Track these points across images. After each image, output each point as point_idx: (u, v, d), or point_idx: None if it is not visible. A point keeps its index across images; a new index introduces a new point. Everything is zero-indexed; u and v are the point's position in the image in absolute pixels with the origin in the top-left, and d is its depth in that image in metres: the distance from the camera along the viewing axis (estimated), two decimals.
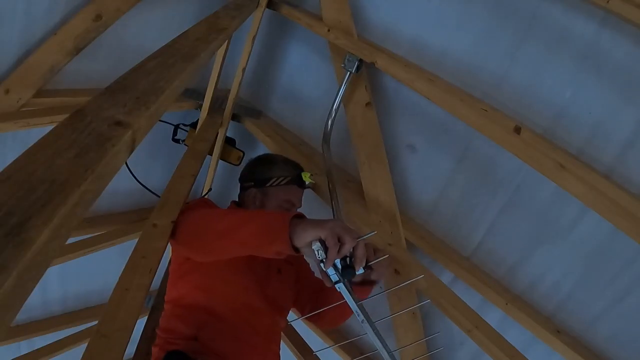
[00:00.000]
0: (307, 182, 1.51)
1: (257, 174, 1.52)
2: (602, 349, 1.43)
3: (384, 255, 1.17)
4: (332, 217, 1.47)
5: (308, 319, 1.47)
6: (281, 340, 1.44)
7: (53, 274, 2.25)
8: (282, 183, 1.47)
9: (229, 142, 2.05)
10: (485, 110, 1.34)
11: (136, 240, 1.20)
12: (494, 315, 1.55)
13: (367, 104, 1.62)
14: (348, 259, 1.07)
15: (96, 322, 0.99)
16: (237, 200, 1.57)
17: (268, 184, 1.47)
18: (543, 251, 1.48)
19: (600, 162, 1.29)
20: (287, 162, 1.56)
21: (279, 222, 1.00)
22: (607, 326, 1.41)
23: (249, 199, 1.48)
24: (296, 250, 0.99)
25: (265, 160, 1.58)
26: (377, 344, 1.18)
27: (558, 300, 1.48)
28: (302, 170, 1.54)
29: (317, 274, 1.28)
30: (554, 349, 1.45)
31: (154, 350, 1.22)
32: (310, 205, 1.93)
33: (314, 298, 1.49)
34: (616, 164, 1.27)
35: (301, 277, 1.54)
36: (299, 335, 2.11)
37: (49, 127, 0.49)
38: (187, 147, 1.86)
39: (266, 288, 1.34)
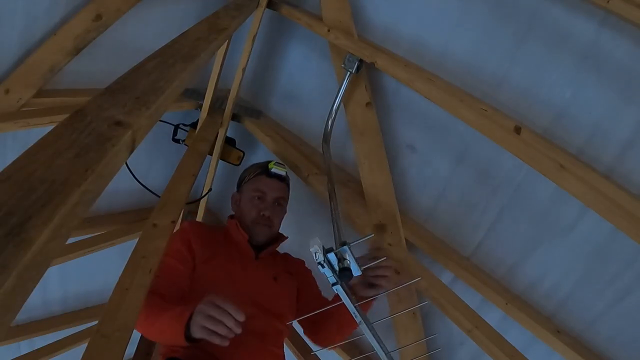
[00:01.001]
0: (273, 170, 1.58)
1: (238, 181, 1.67)
2: (602, 349, 1.43)
3: (382, 258, 1.18)
4: (332, 215, 1.46)
5: (306, 332, 1.53)
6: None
7: (53, 274, 2.25)
8: (251, 177, 1.59)
9: (229, 142, 2.05)
10: (485, 111, 1.34)
11: (136, 240, 1.20)
12: (494, 315, 1.55)
13: (367, 104, 1.62)
14: (345, 262, 1.07)
15: (96, 322, 0.99)
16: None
17: (243, 183, 1.62)
18: (543, 251, 1.48)
19: (600, 162, 1.29)
20: (260, 163, 1.64)
21: (176, 328, 1.10)
22: (607, 326, 1.41)
23: (233, 204, 1.63)
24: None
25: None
26: (375, 344, 1.18)
27: (558, 300, 1.48)
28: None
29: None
30: (554, 349, 1.44)
31: (160, 359, 1.27)
32: (310, 205, 1.93)
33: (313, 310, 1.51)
34: (616, 164, 1.27)
35: (303, 289, 1.56)
36: (299, 335, 2.11)
37: (49, 127, 0.49)
38: (187, 147, 1.86)
39: (257, 295, 1.38)
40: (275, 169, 1.57)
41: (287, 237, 1.62)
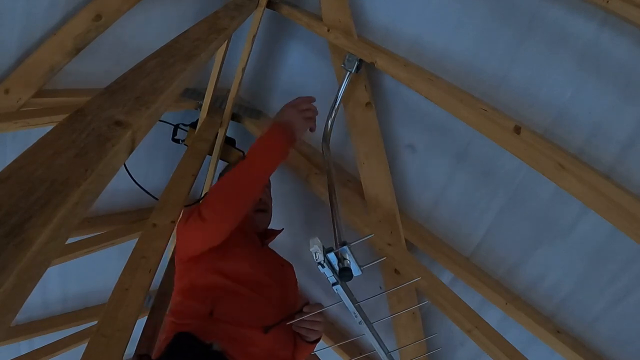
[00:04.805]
0: None
1: (220, 175, 1.71)
2: (602, 349, 1.43)
3: (382, 258, 1.18)
4: (332, 215, 1.46)
5: None
6: None
7: (53, 274, 2.25)
8: None
9: (229, 142, 2.05)
10: (485, 110, 1.34)
11: (136, 240, 1.20)
12: (494, 315, 1.55)
13: (367, 104, 1.62)
14: (346, 262, 1.07)
15: (96, 322, 0.99)
16: None
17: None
18: (543, 251, 1.48)
19: (600, 162, 1.29)
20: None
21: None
22: (607, 326, 1.41)
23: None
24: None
25: None
26: (375, 344, 1.18)
27: (558, 300, 1.48)
28: None
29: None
30: (554, 349, 1.45)
31: (161, 338, 1.26)
32: (310, 204, 1.93)
33: None
34: (616, 164, 1.27)
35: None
36: None
37: (49, 127, 0.49)
38: (187, 147, 1.86)
39: (275, 275, 1.42)
40: None
41: (283, 229, 1.65)
